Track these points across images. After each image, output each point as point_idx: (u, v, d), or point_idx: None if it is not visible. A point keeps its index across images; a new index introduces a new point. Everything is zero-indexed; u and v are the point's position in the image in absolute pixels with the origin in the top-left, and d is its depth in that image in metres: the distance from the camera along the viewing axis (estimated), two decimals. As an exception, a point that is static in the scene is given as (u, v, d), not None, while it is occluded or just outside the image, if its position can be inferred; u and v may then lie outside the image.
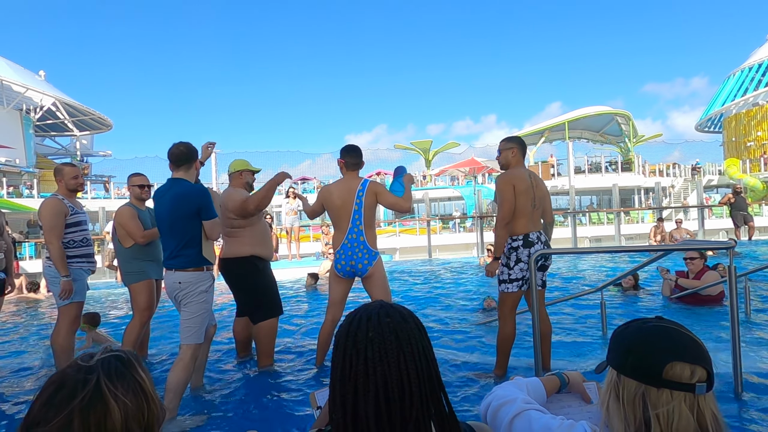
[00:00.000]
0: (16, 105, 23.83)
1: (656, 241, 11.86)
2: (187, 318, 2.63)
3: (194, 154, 2.77)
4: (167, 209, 2.65)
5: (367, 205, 3.12)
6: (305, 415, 2.46)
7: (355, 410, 0.90)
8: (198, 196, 2.63)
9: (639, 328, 0.98)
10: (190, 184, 2.70)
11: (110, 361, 0.84)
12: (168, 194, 2.69)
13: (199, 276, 2.64)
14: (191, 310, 2.62)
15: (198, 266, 2.65)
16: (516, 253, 2.90)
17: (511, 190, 2.85)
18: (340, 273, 3.22)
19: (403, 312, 1.00)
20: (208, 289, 2.69)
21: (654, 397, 0.90)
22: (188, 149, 2.74)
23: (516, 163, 3.00)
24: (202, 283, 2.65)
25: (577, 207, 23.53)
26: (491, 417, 1.13)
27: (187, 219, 2.61)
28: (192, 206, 2.60)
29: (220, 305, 6.63)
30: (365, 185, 3.15)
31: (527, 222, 2.89)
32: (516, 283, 2.92)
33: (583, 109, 29.28)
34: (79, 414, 0.76)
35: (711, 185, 26.25)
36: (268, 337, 3.25)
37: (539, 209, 2.98)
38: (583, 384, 1.33)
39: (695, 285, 4.97)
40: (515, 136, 3.16)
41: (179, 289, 2.63)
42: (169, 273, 2.68)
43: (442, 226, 20.93)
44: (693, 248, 4.83)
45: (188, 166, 2.74)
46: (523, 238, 2.89)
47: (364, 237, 3.13)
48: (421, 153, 31.73)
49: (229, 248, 3.25)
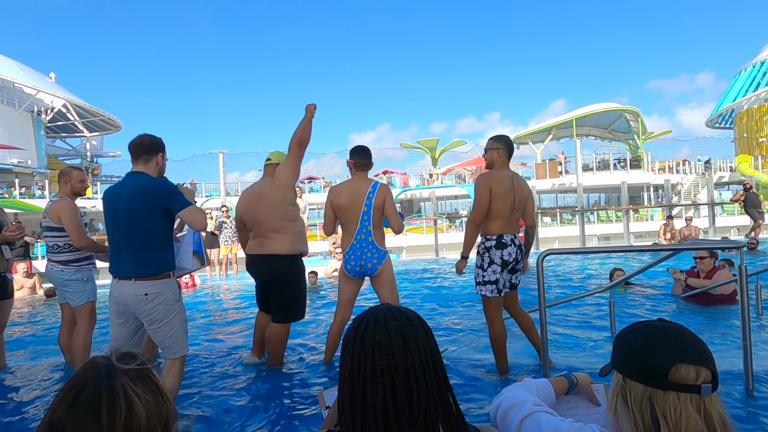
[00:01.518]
0: (27, 107, 24.18)
1: (666, 239, 11.73)
2: (168, 335, 2.31)
3: (157, 146, 2.41)
4: (124, 207, 2.27)
5: (376, 206, 3.11)
6: (313, 414, 2.48)
7: (364, 412, 0.91)
8: (159, 187, 2.27)
9: (641, 331, 0.99)
10: (149, 177, 2.33)
11: (127, 361, 0.86)
12: (124, 190, 2.30)
13: (166, 284, 2.31)
14: (169, 327, 2.30)
15: (164, 272, 2.31)
16: (489, 254, 2.90)
17: (487, 192, 2.85)
18: (349, 274, 3.21)
19: (409, 315, 1.01)
20: (180, 298, 2.39)
21: (661, 399, 0.90)
22: (150, 140, 2.42)
23: (500, 164, 2.99)
24: (171, 290, 2.32)
25: (585, 205, 23.36)
26: (501, 419, 1.14)
27: (149, 217, 2.25)
28: (154, 200, 2.24)
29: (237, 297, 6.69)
30: (376, 187, 3.14)
31: (503, 224, 2.90)
32: (489, 286, 2.90)
33: (591, 106, 29.02)
34: (106, 414, 0.78)
35: (722, 182, 25.90)
36: (282, 341, 3.24)
37: (519, 212, 2.96)
38: (591, 386, 1.34)
39: (706, 284, 4.92)
40: (503, 135, 3.11)
41: (145, 302, 2.24)
42: (125, 283, 2.26)
43: (449, 225, 20.90)
44: (703, 248, 4.78)
45: (148, 157, 2.37)
46: (497, 239, 2.89)
47: (373, 237, 3.13)
48: (428, 151, 31.65)
49: (274, 245, 3.12)
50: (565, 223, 21.85)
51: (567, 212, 22.59)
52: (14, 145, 22.89)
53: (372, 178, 3.24)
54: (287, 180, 3.13)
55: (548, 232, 20.00)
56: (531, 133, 30.57)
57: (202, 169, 43.34)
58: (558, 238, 19.66)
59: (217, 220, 10.53)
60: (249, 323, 5.24)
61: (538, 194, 22.78)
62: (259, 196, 3.19)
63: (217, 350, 3.93)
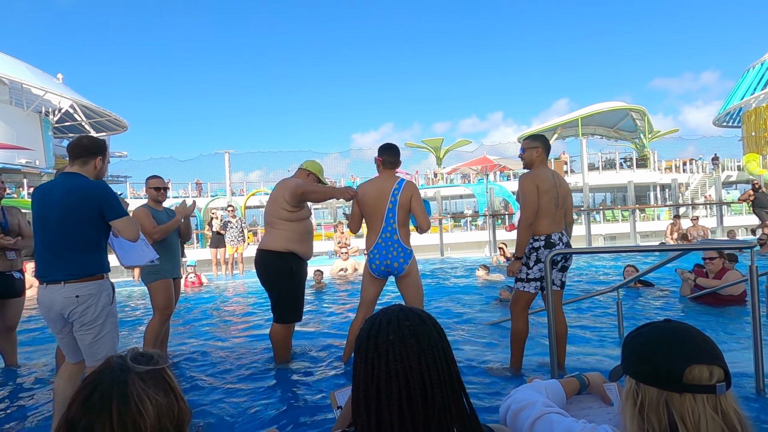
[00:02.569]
0: (35, 108, 24.39)
1: (673, 239, 11.64)
2: (96, 339, 2.22)
3: (97, 149, 2.35)
4: (57, 207, 2.21)
5: (401, 204, 3.09)
6: (325, 413, 2.48)
7: (378, 412, 0.91)
8: (98, 191, 2.23)
9: (651, 333, 0.98)
10: (86, 179, 2.29)
11: (141, 361, 0.87)
12: (57, 190, 2.25)
13: (100, 286, 2.25)
14: (98, 330, 2.22)
15: (96, 274, 2.25)
16: (536, 254, 2.89)
17: (534, 190, 2.84)
18: (374, 273, 3.17)
19: (422, 315, 1.02)
20: (113, 301, 2.33)
21: (677, 402, 0.90)
22: (90, 142, 2.38)
23: (539, 163, 2.98)
24: (104, 293, 2.26)
25: (591, 204, 23.21)
26: (511, 420, 1.14)
27: (84, 220, 2.22)
28: (91, 204, 2.21)
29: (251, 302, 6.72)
30: (401, 184, 3.13)
31: (550, 222, 2.89)
32: (533, 283, 2.92)
33: (597, 105, 28.85)
34: (117, 413, 0.80)
35: (730, 181, 25.66)
36: (284, 340, 3.26)
37: (562, 209, 2.96)
38: (603, 385, 1.33)
39: (715, 285, 4.88)
40: (540, 134, 3.14)
41: (76, 305, 2.18)
42: (53, 288, 2.19)
43: (454, 225, 20.86)
44: (712, 248, 4.73)
45: (86, 160, 2.32)
46: (545, 239, 2.88)
47: (398, 235, 3.10)
48: (432, 151, 31.59)
49: (266, 239, 3.20)
50: (570, 222, 21.67)
51: (573, 212, 22.44)
52: (22, 146, 23.11)
53: (398, 176, 3.22)
54: (296, 188, 3.14)
55: (554, 231, 19.83)
56: (535, 132, 30.40)
57: (208, 168, 43.49)
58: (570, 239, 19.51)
59: (222, 220, 10.56)
60: (255, 322, 5.26)
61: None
62: (275, 190, 3.26)
63: (224, 350, 3.94)
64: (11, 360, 3.70)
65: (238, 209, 13.44)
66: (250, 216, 23.48)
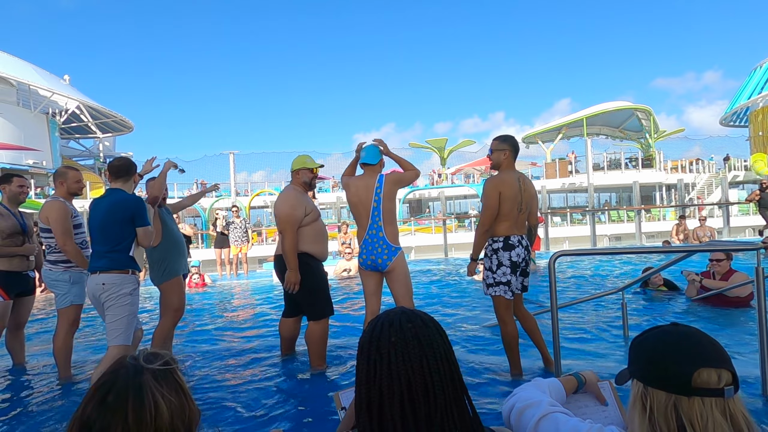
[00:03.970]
0: (42, 109, 24.60)
1: (679, 239, 11.56)
2: (112, 321, 2.78)
3: (133, 168, 3.04)
4: (102, 215, 2.85)
5: (385, 199, 3.17)
6: (330, 414, 2.49)
7: (381, 413, 0.92)
8: (133, 204, 2.84)
9: (658, 337, 0.98)
10: (126, 194, 2.92)
11: (153, 362, 0.88)
12: (104, 201, 2.90)
13: (123, 278, 2.80)
14: (114, 313, 2.77)
15: (123, 269, 2.81)
16: (497, 256, 2.92)
17: (496, 196, 2.86)
18: (363, 266, 3.30)
19: (424, 317, 1.02)
20: (132, 292, 2.83)
21: (686, 406, 0.90)
22: (127, 163, 3.01)
23: (507, 166, 2.99)
24: (125, 285, 2.80)
25: (596, 204, 23.11)
26: (515, 419, 1.14)
27: (119, 224, 2.81)
28: (126, 213, 2.81)
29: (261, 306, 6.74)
30: (382, 180, 3.21)
31: (511, 225, 2.91)
32: (501, 287, 2.91)
33: (603, 105, 28.71)
34: (132, 413, 0.81)
35: (737, 181, 25.45)
36: (320, 339, 3.20)
37: (525, 213, 2.98)
38: (598, 384, 1.34)
39: (722, 286, 4.84)
40: (509, 136, 3.10)
41: (102, 291, 2.77)
42: (93, 276, 2.82)
43: (458, 225, 20.82)
44: (718, 249, 4.70)
45: (126, 178, 2.99)
46: (504, 240, 2.91)
47: (384, 233, 3.17)
48: (436, 151, 31.56)
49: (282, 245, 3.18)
50: (575, 223, 21.65)
51: (577, 212, 22.38)
52: (30, 147, 23.32)
53: (378, 173, 3.30)
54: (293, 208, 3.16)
55: (558, 232, 19.83)
56: (540, 132, 30.32)
57: (212, 169, 43.74)
58: (568, 239, 19.48)
59: (226, 221, 10.60)
60: (259, 323, 5.28)
61: (548, 194, 22.59)
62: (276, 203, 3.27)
63: (228, 350, 3.96)
64: (19, 359, 3.75)
65: (243, 209, 13.49)
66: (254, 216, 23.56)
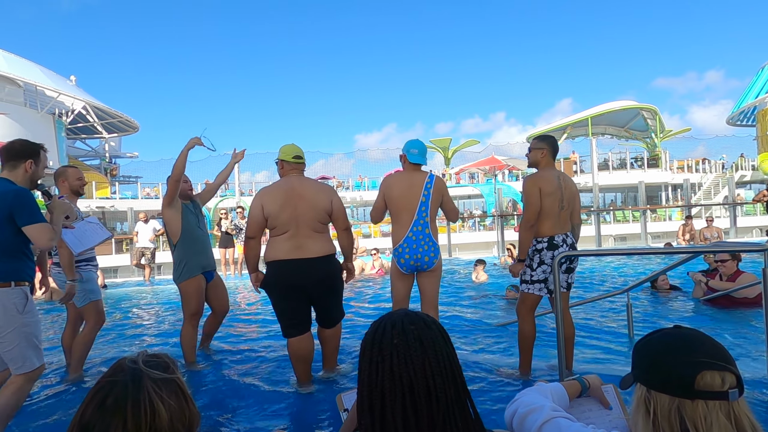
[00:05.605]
0: (49, 109, 24.81)
1: (685, 240, 11.47)
2: (8, 350, 2.12)
3: (27, 153, 2.30)
4: None
5: (433, 199, 3.08)
6: (333, 416, 2.49)
7: (383, 415, 0.92)
8: (11, 197, 2.12)
9: (661, 340, 0.97)
10: (6, 185, 2.20)
11: (153, 365, 0.88)
12: None
13: (5, 293, 2.11)
14: (8, 339, 2.10)
15: (4, 281, 2.12)
16: (539, 255, 2.88)
17: (537, 192, 2.82)
18: (402, 268, 3.09)
19: (426, 319, 1.02)
20: (24, 310, 2.14)
21: (690, 409, 0.89)
22: (21, 145, 2.32)
23: (545, 164, 2.97)
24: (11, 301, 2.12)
25: (601, 204, 22.99)
26: (518, 424, 1.13)
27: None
28: (2, 210, 2.11)
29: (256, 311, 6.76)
30: (433, 179, 3.12)
31: (553, 224, 2.87)
32: (537, 285, 2.91)
33: (607, 104, 28.54)
34: (132, 417, 0.81)
35: (744, 181, 25.22)
36: (338, 340, 3.09)
37: (567, 210, 2.94)
38: (601, 388, 1.33)
39: (728, 287, 4.81)
40: (548, 135, 3.12)
41: None
42: None
43: (462, 225, 20.78)
44: (724, 250, 4.66)
45: (14, 164, 2.27)
46: (548, 240, 2.87)
47: (430, 230, 3.07)
48: (441, 151, 31.53)
49: (325, 245, 2.87)
50: (579, 223, 21.45)
51: (582, 212, 22.22)
52: (36, 147, 23.46)
53: (427, 171, 3.22)
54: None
55: (563, 232, 19.67)
56: (544, 132, 30.20)
57: (217, 169, 43.93)
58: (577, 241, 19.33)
59: (232, 221, 10.64)
60: (263, 322, 5.29)
61: (552, 194, 22.45)
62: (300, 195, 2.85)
63: (231, 351, 3.97)
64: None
65: (247, 209, 13.53)
66: (258, 216, 23.48)
